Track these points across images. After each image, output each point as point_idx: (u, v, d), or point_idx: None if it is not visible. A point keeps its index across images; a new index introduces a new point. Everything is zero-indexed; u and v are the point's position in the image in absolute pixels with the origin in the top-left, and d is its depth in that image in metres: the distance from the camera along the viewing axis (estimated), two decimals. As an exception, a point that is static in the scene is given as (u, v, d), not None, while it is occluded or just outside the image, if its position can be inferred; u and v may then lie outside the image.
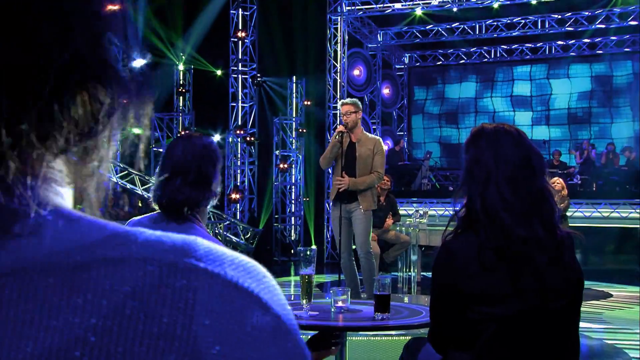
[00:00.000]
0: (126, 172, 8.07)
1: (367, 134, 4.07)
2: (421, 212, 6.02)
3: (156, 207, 1.38)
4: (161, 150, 9.55)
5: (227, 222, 8.61)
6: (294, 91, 10.58)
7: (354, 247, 4.01)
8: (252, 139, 9.73)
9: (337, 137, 3.89)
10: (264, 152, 10.49)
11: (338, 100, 9.53)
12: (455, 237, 1.26)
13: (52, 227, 0.25)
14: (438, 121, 12.06)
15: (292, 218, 10.06)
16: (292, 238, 9.95)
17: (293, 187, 10.21)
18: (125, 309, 0.24)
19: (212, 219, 7.81)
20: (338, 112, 9.93)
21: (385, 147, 4.05)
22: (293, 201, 10.13)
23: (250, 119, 10.13)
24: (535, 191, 1.25)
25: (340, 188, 3.88)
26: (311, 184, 10.27)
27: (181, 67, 10.13)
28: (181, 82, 10.12)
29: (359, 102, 4.07)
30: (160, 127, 9.69)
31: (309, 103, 10.51)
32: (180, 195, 1.36)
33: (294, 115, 10.53)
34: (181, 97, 10.13)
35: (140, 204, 7.67)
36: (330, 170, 8.86)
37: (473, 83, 11.57)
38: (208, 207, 1.40)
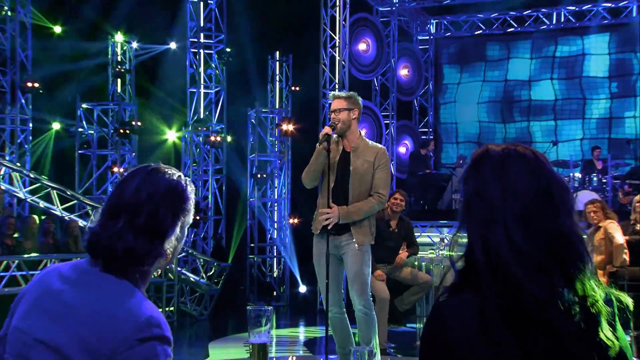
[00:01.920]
0: (38, 184, 7.65)
1: (367, 140, 4.17)
2: (448, 240, 6.44)
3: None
4: (90, 153, 9.81)
5: (183, 254, 8.78)
6: (277, 73, 10.81)
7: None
8: (219, 138, 9.97)
9: (322, 142, 4.01)
10: (235, 156, 10.72)
11: (336, 86, 10.01)
12: (450, 296, 1.25)
13: None
14: (477, 114, 12.28)
15: (274, 248, 10.26)
16: (274, 275, 10.13)
17: (275, 205, 10.46)
18: None
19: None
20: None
21: (388, 158, 4.17)
22: (275, 224, 10.35)
23: (217, 110, 10.38)
24: (556, 234, 1.23)
25: (326, 223, 3.95)
26: (301, 200, 10.59)
27: (119, 38, 10.02)
28: (119, 59, 9.94)
29: (357, 97, 4.14)
30: (88, 121, 9.61)
31: (297, 89, 10.77)
32: (119, 242, 1.36)
33: (277, 106, 10.80)
34: (119, 81, 9.99)
35: (52, 230, 7.23)
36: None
37: (526, 60, 11.77)
38: (153, 268, 1.41)
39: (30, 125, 9.30)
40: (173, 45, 10.79)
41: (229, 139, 10.51)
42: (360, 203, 4.03)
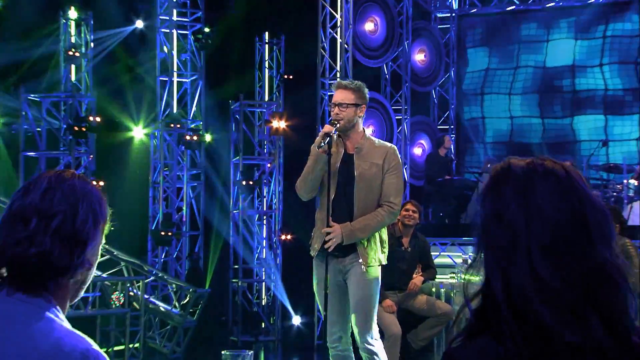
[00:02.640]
0: None
1: (373, 139, 4.29)
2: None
3: None
4: (37, 156, 9.50)
5: (151, 279, 8.82)
6: (266, 58, 10.92)
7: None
8: (196, 137, 10.02)
9: (321, 143, 4.10)
10: (216, 159, 10.80)
11: (337, 74, 10.11)
12: (465, 343, 1.26)
13: None
14: (508, 107, 12.31)
15: (263, 270, 10.33)
16: (263, 304, 10.21)
17: (265, 218, 10.56)
18: None
19: (124, 273, 7.93)
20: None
21: (400, 160, 4.22)
22: (264, 242, 10.45)
23: (193, 103, 10.47)
24: (593, 268, 1.23)
25: (327, 245, 4.05)
26: (295, 213, 10.64)
27: (72, 14, 9.69)
28: (72, 41, 9.66)
29: (364, 88, 4.26)
30: (35, 117, 9.30)
31: (290, 78, 10.89)
32: (32, 248, 1.33)
33: (266, 99, 10.89)
34: (73, 67, 9.73)
35: None
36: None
37: (570, 41, 11.70)
38: (73, 286, 1.39)
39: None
40: (140, 25, 10.81)
41: (208, 138, 10.60)
42: (367, 217, 4.09)
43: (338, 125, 4.10)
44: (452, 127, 12.66)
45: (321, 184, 4.17)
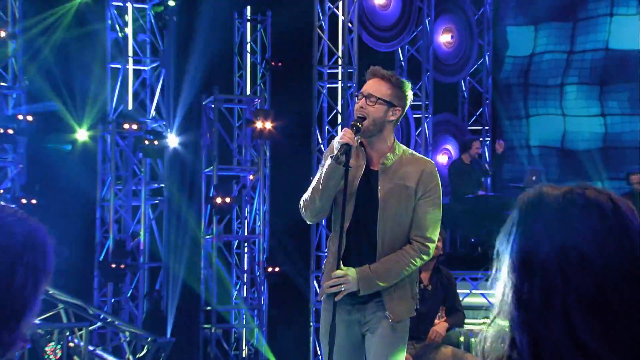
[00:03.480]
0: None
1: (406, 151, 4.28)
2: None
3: None
4: None
5: (98, 325, 8.73)
6: (248, 39, 11.03)
7: None
8: (158, 142, 10.05)
9: (339, 154, 4.08)
10: (183, 169, 10.87)
11: (339, 60, 10.19)
12: None
13: None
14: (560, 102, 12.29)
15: (242, 313, 10.41)
16: (244, 355, 10.26)
17: (246, 245, 10.64)
18: None
19: (62, 318, 7.85)
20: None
21: (439, 181, 4.16)
22: (245, 276, 10.54)
23: (154, 98, 10.48)
24: None
25: (337, 297, 4.08)
26: (285, 238, 10.63)
27: None
28: None
29: (408, 88, 4.22)
30: None
31: (279, 65, 10.93)
32: None
33: (248, 93, 10.99)
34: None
35: None
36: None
37: (634, 17, 11.72)
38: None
39: None
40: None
41: (173, 142, 10.59)
42: (391, 258, 4.12)
43: (360, 125, 4.08)
44: (486, 128, 12.74)
45: (334, 203, 4.19)
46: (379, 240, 4.11)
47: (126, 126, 10.04)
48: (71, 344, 7.67)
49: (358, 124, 4.05)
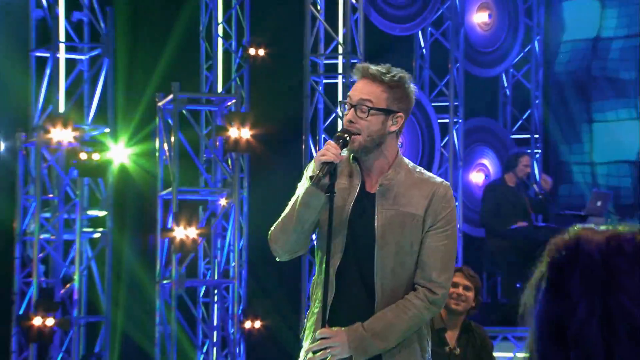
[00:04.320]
0: None
1: (413, 168, 4.37)
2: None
3: None
4: None
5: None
6: (220, 20, 11.09)
7: None
8: (97, 156, 10.05)
9: (320, 173, 4.15)
10: (133, 192, 11.02)
11: (339, 47, 10.27)
12: None
13: None
14: (635, 103, 12.25)
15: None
16: None
17: (216, 293, 10.69)
18: None
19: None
20: (338, 94, 10.83)
21: (454, 208, 4.31)
22: (215, 333, 10.54)
23: (94, 98, 10.50)
24: None
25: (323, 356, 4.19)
26: (268, 282, 10.68)
27: None
28: None
29: (409, 84, 4.30)
30: None
31: (261, 55, 10.98)
32: None
33: (220, 89, 11.11)
34: None
35: None
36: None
37: None
38: None
39: None
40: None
41: (119, 156, 10.63)
42: (391, 311, 4.20)
43: (348, 138, 4.17)
44: (535, 136, 12.77)
45: (319, 235, 4.31)
46: (378, 286, 4.20)
47: (56, 135, 9.92)
48: None
49: (345, 135, 4.14)
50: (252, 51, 10.88)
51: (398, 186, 4.22)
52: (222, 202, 10.55)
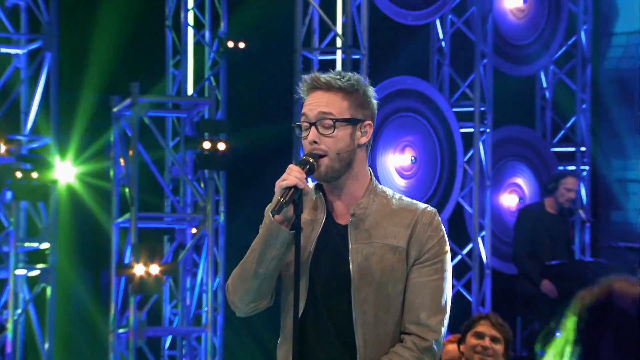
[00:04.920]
0: None
1: (389, 193, 4.46)
2: None
3: None
4: None
5: None
6: (189, 6, 11.17)
7: None
8: (37, 174, 10.02)
9: (283, 202, 4.21)
10: (82, 218, 11.13)
11: (337, 41, 10.36)
12: None
13: None
14: None
15: None
16: None
17: (185, 344, 10.73)
18: None
19: None
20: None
21: (444, 237, 4.31)
22: None
23: (32, 102, 10.53)
24: None
25: None
26: (249, 331, 10.82)
27: None
28: None
29: (367, 86, 4.40)
30: None
31: (241, 47, 11.05)
32: None
33: (190, 92, 11.20)
34: None
35: None
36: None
37: None
38: None
39: None
40: None
41: (65, 174, 10.66)
42: None
43: (315, 162, 4.21)
44: (582, 149, 12.81)
45: (280, 283, 4.33)
46: (359, 339, 4.24)
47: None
48: None
49: (311, 159, 4.18)
50: (230, 44, 10.90)
51: (374, 216, 4.27)
52: (193, 231, 10.57)
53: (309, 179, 4.22)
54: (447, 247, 4.30)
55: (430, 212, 4.28)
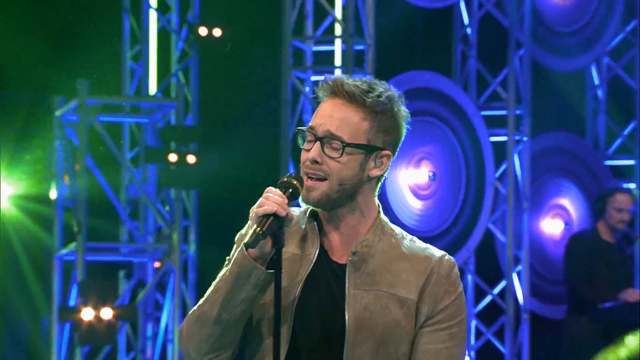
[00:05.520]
0: None
1: (399, 230, 4.44)
2: None
3: None
4: None
5: None
6: None
7: None
8: None
9: (259, 230, 4.14)
10: (17, 251, 11.17)
11: (336, 29, 10.41)
12: None
13: None
14: None
15: None
16: None
17: None
18: None
19: None
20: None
21: (461, 292, 4.33)
22: None
23: None
24: None
25: None
26: None
27: None
28: None
29: (400, 105, 4.34)
30: None
31: (216, 35, 11.06)
32: None
33: (153, 91, 11.30)
34: None
35: None
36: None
37: None
38: None
39: None
40: None
41: None
42: None
43: (299, 185, 4.15)
44: None
45: (250, 330, 4.29)
46: None
47: None
48: None
49: (295, 181, 4.14)
50: (202, 31, 10.94)
51: (380, 257, 4.23)
52: (156, 265, 10.60)
53: (301, 204, 4.19)
54: (465, 307, 4.30)
55: (449, 261, 4.25)
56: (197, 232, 10.75)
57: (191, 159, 9.97)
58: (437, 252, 4.29)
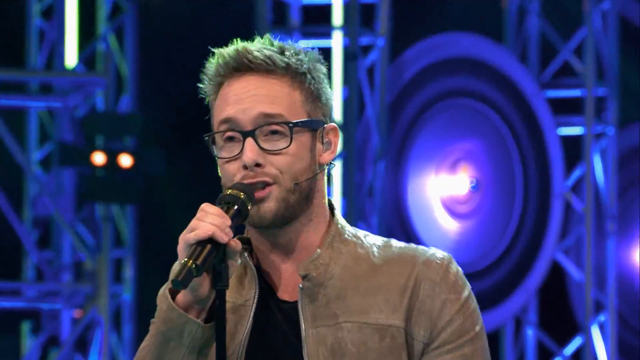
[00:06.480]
0: None
1: (360, 233, 4.53)
2: None
3: None
4: None
5: None
6: None
7: None
8: None
9: (192, 267, 4.02)
10: None
11: (334, 7, 10.90)
12: None
13: None
14: None
15: None
16: None
17: None
18: None
19: None
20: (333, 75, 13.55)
21: (473, 302, 4.39)
22: None
23: None
24: None
25: None
26: None
27: None
28: None
29: (319, 62, 4.38)
30: None
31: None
32: None
33: (70, 64, 11.45)
34: None
35: None
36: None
37: None
38: None
39: None
40: None
41: None
42: None
43: (250, 198, 4.06)
44: None
45: None
46: None
47: None
48: None
49: (241, 194, 4.02)
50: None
51: (341, 278, 4.25)
52: (76, 314, 10.46)
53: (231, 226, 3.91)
54: (479, 315, 4.24)
55: (442, 259, 4.27)
56: (134, 266, 10.74)
57: (126, 160, 9.82)
58: (422, 252, 4.29)
